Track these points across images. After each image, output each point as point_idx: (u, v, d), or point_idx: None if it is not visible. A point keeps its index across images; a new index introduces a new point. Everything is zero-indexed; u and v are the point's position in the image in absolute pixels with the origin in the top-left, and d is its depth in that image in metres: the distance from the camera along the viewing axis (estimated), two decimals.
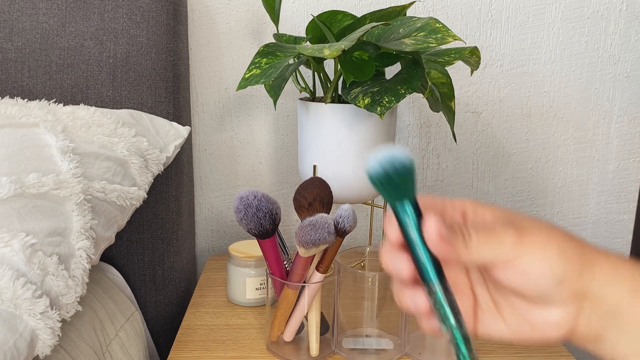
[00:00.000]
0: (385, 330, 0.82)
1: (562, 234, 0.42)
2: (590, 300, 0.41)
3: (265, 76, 0.78)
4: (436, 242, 0.38)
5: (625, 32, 1.15)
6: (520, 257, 0.40)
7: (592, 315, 0.42)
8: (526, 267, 0.40)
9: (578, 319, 0.42)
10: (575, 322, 0.42)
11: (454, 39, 0.76)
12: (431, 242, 0.38)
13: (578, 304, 0.41)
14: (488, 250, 0.40)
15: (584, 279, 0.41)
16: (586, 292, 0.41)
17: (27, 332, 0.56)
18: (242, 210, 0.72)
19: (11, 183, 0.65)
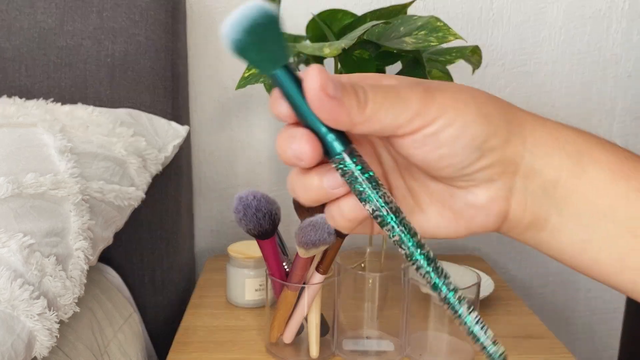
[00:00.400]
0: (386, 332, 0.82)
1: (483, 93, 0.35)
2: (523, 175, 0.34)
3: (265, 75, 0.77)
4: (320, 98, 0.30)
5: (627, 30, 1.14)
6: (429, 120, 0.32)
7: (527, 195, 0.35)
8: (438, 133, 0.32)
9: (509, 200, 0.35)
10: (507, 204, 0.35)
11: (455, 37, 0.75)
12: (314, 100, 0.30)
13: (508, 181, 0.34)
14: (389, 112, 0.32)
15: (512, 147, 0.34)
16: (517, 164, 0.34)
17: (25, 334, 0.56)
18: (242, 211, 0.71)
19: (9, 183, 0.65)
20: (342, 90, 0.31)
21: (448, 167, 0.34)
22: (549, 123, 0.36)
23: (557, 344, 0.84)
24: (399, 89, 0.32)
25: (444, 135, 0.32)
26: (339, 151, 0.32)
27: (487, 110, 0.33)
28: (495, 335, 0.40)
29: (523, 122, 0.35)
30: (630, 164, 0.35)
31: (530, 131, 0.35)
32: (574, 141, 0.35)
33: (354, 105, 0.31)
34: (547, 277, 1.25)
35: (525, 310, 0.94)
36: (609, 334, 1.29)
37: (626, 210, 0.35)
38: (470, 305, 0.36)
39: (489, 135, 0.33)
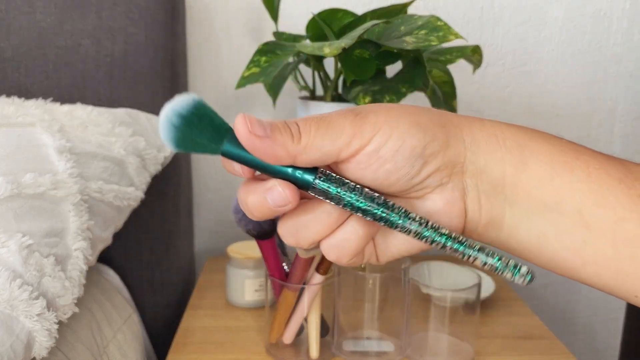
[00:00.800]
0: (386, 333, 0.81)
1: (414, 106, 0.35)
2: (470, 174, 0.35)
3: (265, 75, 0.77)
4: (252, 141, 0.32)
5: (628, 30, 1.14)
6: (367, 139, 0.33)
7: (479, 193, 0.36)
8: (378, 150, 0.33)
9: (464, 199, 0.36)
10: (463, 203, 0.36)
11: (456, 37, 0.75)
12: (248, 144, 0.32)
13: (458, 181, 0.35)
14: (325, 139, 0.33)
15: (453, 149, 0.35)
16: (461, 164, 0.35)
17: (24, 334, 0.56)
18: (241, 211, 0.71)
19: (8, 183, 0.64)
20: (273, 129, 0.32)
21: (398, 181, 0.35)
22: (486, 122, 0.36)
23: (558, 345, 0.83)
24: (330, 117, 0.34)
25: (384, 151, 0.34)
26: (312, 180, 0.34)
27: (420, 119, 0.34)
28: (496, 335, 0.40)
29: (459, 125, 0.36)
30: (572, 154, 0.36)
31: (468, 132, 0.35)
32: (514, 136, 0.36)
33: (288, 139, 0.33)
34: (547, 277, 1.25)
35: (526, 311, 0.94)
36: (609, 335, 1.28)
37: (572, 201, 0.35)
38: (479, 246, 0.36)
39: (427, 142, 0.34)
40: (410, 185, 0.35)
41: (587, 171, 0.35)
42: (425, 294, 0.77)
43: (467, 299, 0.76)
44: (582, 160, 0.36)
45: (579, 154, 0.36)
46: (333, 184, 0.34)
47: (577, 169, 0.35)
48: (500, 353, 0.81)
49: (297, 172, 0.34)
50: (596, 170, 0.35)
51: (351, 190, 0.34)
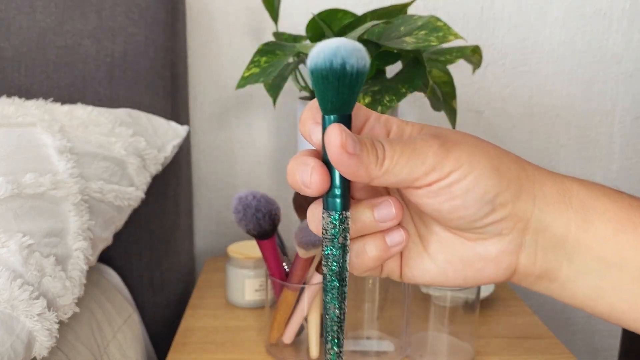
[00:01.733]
0: (386, 332, 0.81)
1: (496, 149, 0.36)
2: (533, 231, 0.35)
3: (265, 75, 0.77)
4: (340, 155, 0.31)
5: (628, 30, 1.14)
6: (445, 173, 0.33)
7: (537, 249, 0.36)
8: (452, 186, 0.33)
9: (519, 254, 0.36)
10: (516, 257, 0.36)
11: (456, 37, 0.75)
12: (335, 157, 0.32)
13: (518, 236, 0.35)
14: (406, 167, 0.33)
15: (522, 202, 0.35)
16: (527, 220, 0.35)
17: (25, 334, 0.56)
18: (241, 211, 0.71)
19: (8, 183, 0.64)
20: (361, 147, 0.32)
21: (460, 219, 0.35)
22: (558, 178, 0.36)
23: (557, 344, 0.84)
24: (416, 143, 0.34)
25: (457, 188, 0.34)
26: (339, 209, 0.34)
27: (500, 165, 0.34)
28: (495, 334, 0.40)
29: (533, 177, 0.36)
30: (636, 212, 0.36)
31: (540, 187, 0.35)
32: (579, 194, 0.36)
33: (372, 161, 0.32)
34: None
35: (525, 311, 0.94)
36: (609, 335, 1.28)
37: (636, 259, 0.35)
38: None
39: (500, 190, 0.34)
40: (470, 227, 0.35)
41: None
42: (425, 294, 0.77)
43: (466, 298, 0.76)
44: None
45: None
46: (342, 232, 0.34)
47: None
48: (500, 353, 0.81)
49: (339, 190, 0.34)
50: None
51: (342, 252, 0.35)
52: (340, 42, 0.32)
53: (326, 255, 0.35)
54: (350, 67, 0.32)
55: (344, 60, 0.31)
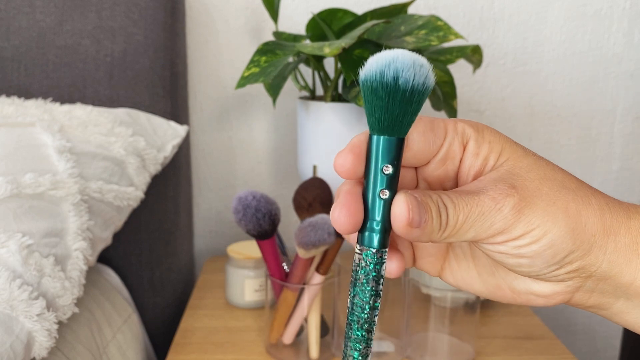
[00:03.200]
0: (386, 333, 0.81)
1: (577, 199, 0.32)
2: (596, 279, 0.34)
3: (265, 75, 0.77)
4: (405, 230, 0.30)
5: (628, 30, 1.14)
6: (514, 236, 0.31)
7: (595, 291, 0.34)
8: (519, 249, 0.31)
9: (575, 293, 0.34)
10: (570, 297, 0.35)
11: (456, 37, 0.75)
12: (399, 229, 0.30)
13: (579, 282, 0.34)
14: (471, 230, 0.31)
15: (592, 257, 0.33)
16: (592, 271, 0.33)
17: (24, 334, 0.56)
18: (241, 211, 0.71)
19: (7, 183, 0.64)
20: (426, 218, 0.30)
21: (523, 272, 0.33)
22: (632, 223, 0.33)
23: (558, 345, 0.83)
24: (484, 203, 0.31)
25: (525, 250, 0.32)
26: (376, 246, 0.31)
27: (577, 225, 0.32)
28: (496, 335, 0.40)
29: (608, 230, 0.33)
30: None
31: (613, 238, 0.33)
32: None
33: (435, 228, 0.30)
34: None
35: (526, 311, 0.94)
36: (609, 335, 1.28)
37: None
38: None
39: (572, 251, 0.32)
40: (531, 276, 0.34)
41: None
42: (426, 294, 0.77)
43: (467, 299, 0.76)
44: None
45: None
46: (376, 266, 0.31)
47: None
48: (501, 353, 0.81)
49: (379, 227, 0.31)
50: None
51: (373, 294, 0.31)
52: (399, 53, 0.28)
53: (352, 297, 0.31)
54: (404, 81, 0.28)
55: (397, 74, 0.28)
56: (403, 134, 0.29)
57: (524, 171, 0.33)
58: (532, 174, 0.33)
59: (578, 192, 0.33)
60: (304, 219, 0.70)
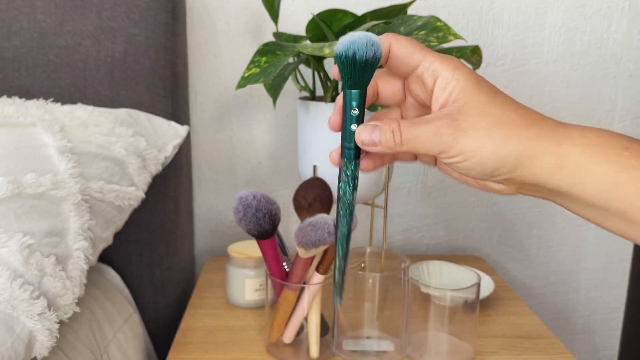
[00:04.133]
0: (386, 332, 0.82)
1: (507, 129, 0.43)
2: (529, 185, 0.44)
3: (265, 75, 0.77)
4: (362, 147, 0.45)
5: (627, 30, 1.14)
6: (450, 156, 0.43)
7: (535, 191, 0.46)
8: (457, 165, 0.44)
9: (520, 190, 0.46)
10: (517, 192, 0.46)
11: (455, 37, 0.75)
12: (358, 143, 0.45)
13: (516, 186, 0.45)
14: (423, 146, 0.44)
15: (518, 173, 0.43)
16: (522, 181, 0.44)
17: (25, 334, 0.56)
18: (242, 211, 0.71)
19: (8, 183, 0.64)
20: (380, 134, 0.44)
21: (470, 176, 0.46)
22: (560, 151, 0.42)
23: (557, 344, 0.84)
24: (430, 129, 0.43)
25: (462, 166, 0.44)
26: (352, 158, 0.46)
27: (501, 150, 0.42)
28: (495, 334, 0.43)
29: (534, 156, 0.42)
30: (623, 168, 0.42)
31: (539, 161, 0.42)
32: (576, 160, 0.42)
33: (390, 144, 0.44)
34: (547, 277, 1.25)
35: (525, 310, 0.94)
36: (608, 334, 1.29)
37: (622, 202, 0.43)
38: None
39: (496, 169, 0.43)
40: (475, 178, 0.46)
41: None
42: (425, 294, 0.77)
43: (466, 298, 0.77)
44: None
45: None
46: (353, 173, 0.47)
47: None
48: (500, 352, 0.81)
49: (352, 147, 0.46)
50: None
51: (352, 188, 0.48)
52: (356, 35, 0.42)
53: (339, 189, 0.48)
54: (360, 57, 0.42)
55: (355, 52, 0.42)
56: (364, 88, 0.44)
57: (470, 107, 0.43)
58: (475, 111, 0.43)
59: (510, 126, 0.43)
60: (304, 219, 0.71)
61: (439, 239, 1.23)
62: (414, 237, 1.23)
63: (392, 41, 0.45)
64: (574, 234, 1.24)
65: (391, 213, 1.20)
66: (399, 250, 1.23)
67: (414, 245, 1.23)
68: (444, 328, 0.78)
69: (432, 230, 1.23)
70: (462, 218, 1.23)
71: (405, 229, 1.22)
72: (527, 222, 1.23)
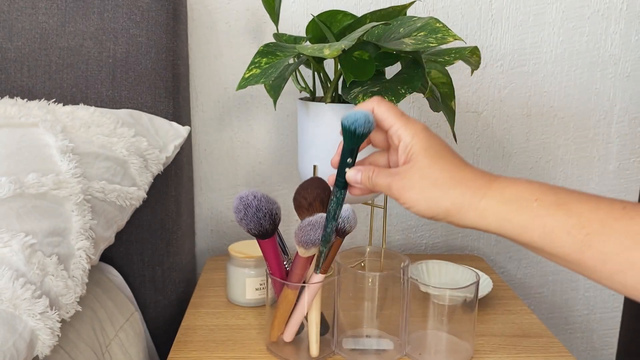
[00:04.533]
0: (386, 331, 0.82)
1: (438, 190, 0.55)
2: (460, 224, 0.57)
3: (265, 76, 0.78)
4: (349, 181, 0.63)
5: (625, 31, 1.15)
6: (400, 202, 0.58)
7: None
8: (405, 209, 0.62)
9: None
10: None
11: (454, 38, 0.75)
12: (348, 181, 0.63)
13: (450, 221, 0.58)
14: (386, 191, 0.59)
15: (449, 219, 0.56)
16: (453, 222, 0.56)
17: (27, 333, 0.56)
18: (242, 210, 0.72)
19: (10, 183, 0.65)
20: (362, 179, 0.61)
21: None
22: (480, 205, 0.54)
23: (556, 343, 0.84)
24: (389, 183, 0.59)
25: (409, 211, 0.58)
26: (341, 187, 0.65)
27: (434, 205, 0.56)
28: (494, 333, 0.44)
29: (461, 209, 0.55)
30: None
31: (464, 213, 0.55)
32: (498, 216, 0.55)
33: (368, 185, 0.61)
34: (545, 276, 1.26)
35: (523, 309, 0.94)
36: (607, 333, 1.29)
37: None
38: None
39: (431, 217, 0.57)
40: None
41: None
42: (424, 293, 0.78)
43: (465, 297, 0.77)
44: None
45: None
46: (340, 197, 0.66)
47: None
48: (498, 351, 0.82)
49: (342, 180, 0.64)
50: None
51: (338, 207, 0.67)
52: (358, 114, 0.59)
53: (329, 206, 0.67)
54: (359, 132, 0.59)
55: (355, 128, 0.59)
56: (357, 146, 0.62)
57: (415, 169, 0.57)
58: (418, 174, 0.56)
59: (442, 187, 0.55)
60: (304, 218, 0.71)
61: (438, 238, 1.24)
62: (413, 237, 1.23)
63: (375, 106, 0.60)
64: None
65: (391, 213, 1.20)
66: (399, 249, 1.23)
67: (413, 244, 1.24)
68: (443, 327, 0.79)
69: (431, 229, 1.23)
70: None
71: (404, 228, 1.23)
72: None
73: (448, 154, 0.57)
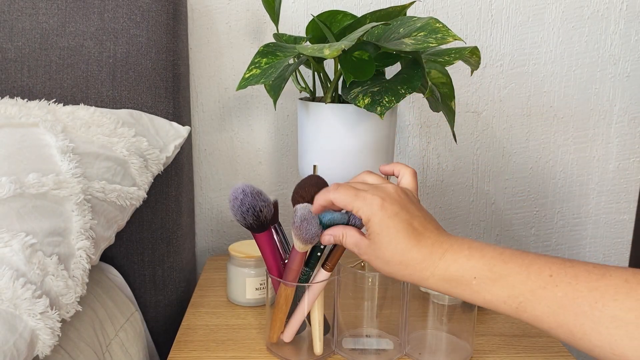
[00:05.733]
0: (386, 331, 0.82)
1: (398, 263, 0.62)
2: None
3: (265, 76, 0.78)
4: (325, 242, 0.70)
5: (625, 31, 1.15)
6: (369, 264, 0.65)
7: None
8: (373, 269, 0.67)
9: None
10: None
11: (454, 38, 0.76)
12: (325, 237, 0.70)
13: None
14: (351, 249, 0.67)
15: (410, 281, 0.63)
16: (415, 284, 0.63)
17: (27, 332, 0.56)
18: (231, 202, 0.74)
19: (11, 183, 0.65)
20: (336, 238, 0.68)
21: None
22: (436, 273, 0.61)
23: (555, 343, 0.84)
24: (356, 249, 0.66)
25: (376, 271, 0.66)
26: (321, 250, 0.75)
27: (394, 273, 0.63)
28: (494, 333, 0.44)
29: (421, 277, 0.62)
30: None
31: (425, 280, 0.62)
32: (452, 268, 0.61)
33: (340, 243, 0.69)
34: None
35: None
36: None
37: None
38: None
39: (393, 279, 0.69)
40: None
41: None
42: (424, 292, 0.78)
43: None
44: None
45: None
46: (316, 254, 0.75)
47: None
48: (498, 351, 0.82)
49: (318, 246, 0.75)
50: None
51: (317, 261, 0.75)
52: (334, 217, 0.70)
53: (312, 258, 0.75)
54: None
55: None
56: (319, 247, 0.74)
57: (372, 249, 0.63)
58: (374, 253, 0.63)
59: (395, 266, 0.62)
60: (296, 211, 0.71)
61: None
62: None
63: (331, 195, 0.66)
64: (571, 234, 1.25)
65: None
66: None
67: None
68: (442, 327, 0.79)
69: None
70: (460, 218, 1.23)
71: None
72: (525, 222, 1.24)
73: (402, 230, 0.61)
